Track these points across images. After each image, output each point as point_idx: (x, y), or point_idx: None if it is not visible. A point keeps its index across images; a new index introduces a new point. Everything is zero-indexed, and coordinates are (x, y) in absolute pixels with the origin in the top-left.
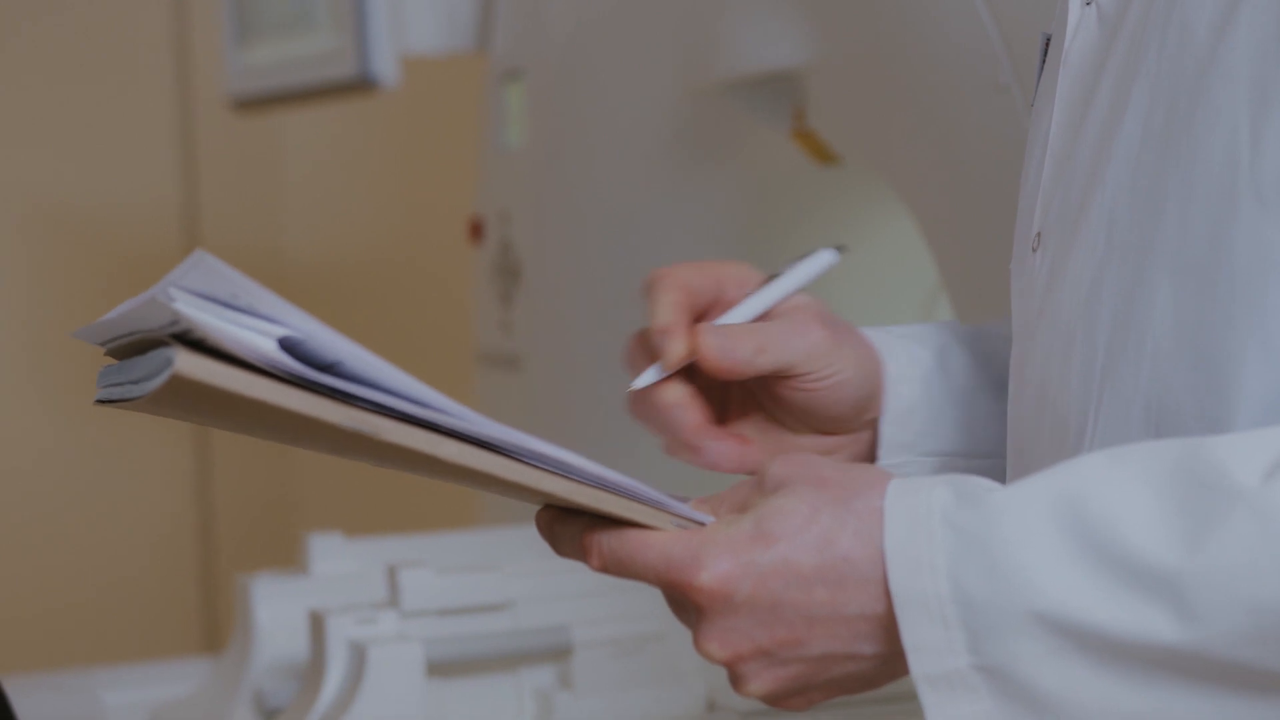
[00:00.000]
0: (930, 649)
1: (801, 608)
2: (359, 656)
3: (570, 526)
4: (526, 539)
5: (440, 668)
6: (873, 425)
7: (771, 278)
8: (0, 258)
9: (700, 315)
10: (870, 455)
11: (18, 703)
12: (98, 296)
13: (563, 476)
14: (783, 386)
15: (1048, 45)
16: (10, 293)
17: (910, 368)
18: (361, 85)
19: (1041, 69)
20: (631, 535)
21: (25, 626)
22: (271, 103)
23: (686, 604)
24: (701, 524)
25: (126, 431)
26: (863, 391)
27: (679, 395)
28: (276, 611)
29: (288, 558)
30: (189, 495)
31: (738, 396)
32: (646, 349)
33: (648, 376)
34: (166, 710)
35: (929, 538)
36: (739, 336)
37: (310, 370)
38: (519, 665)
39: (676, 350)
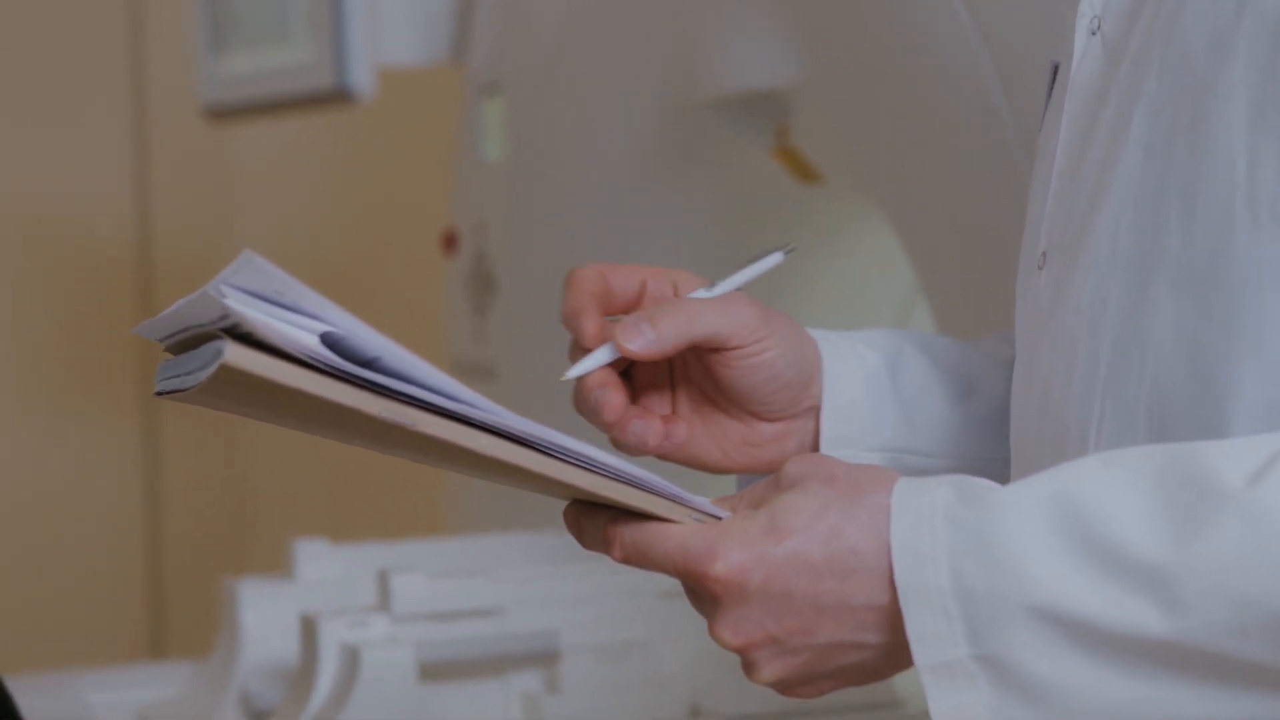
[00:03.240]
0: (932, 639)
1: (810, 597)
2: (352, 659)
3: (595, 520)
4: (511, 546)
5: (430, 671)
6: (812, 415)
7: (714, 284)
8: None
9: (622, 308)
10: (813, 448)
11: None
12: (49, 295)
13: (589, 470)
14: (716, 363)
15: (1055, 73)
16: None
17: (853, 366)
18: (338, 97)
19: (1049, 95)
20: (651, 528)
21: None
22: (245, 112)
23: (702, 593)
24: (718, 518)
25: (76, 437)
26: (793, 373)
27: (601, 378)
28: (263, 615)
29: (236, 563)
30: (138, 499)
31: (683, 389)
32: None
33: (581, 366)
34: (153, 711)
35: (932, 532)
36: (660, 313)
37: (350, 365)
38: (507, 669)
39: (588, 329)
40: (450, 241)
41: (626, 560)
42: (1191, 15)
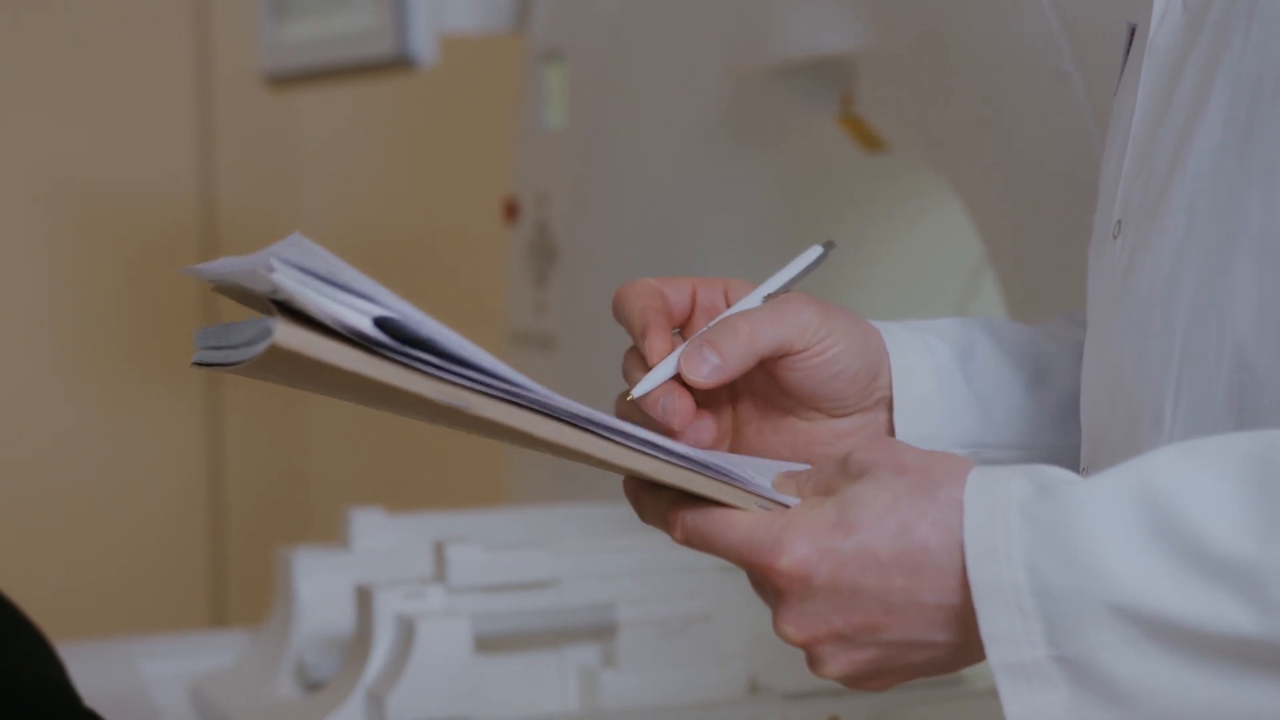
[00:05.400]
0: (1008, 639)
1: (879, 594)
2: (407, 630)
3: (657, 499)
4: (568, 518)
5: (485, 643)
6: (883, 407)
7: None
8: (19, 233)
9: (678, 321)
10: None
11: None
12: (115, 272)
13: (651, 455)
14: (781, 368)
15: (1132, 35)
16: (28, 268)
17: (923, 359)
18: (399, 64)
19: (1126, 58)
20: (716, 514)
21: (39, 597)
22: (306, 79)
23: (767, 586)
24: (785, 506)
25: (141, 408)
26: (860, 365)
27: (666, 386)
28: (318, 585)
29: (298, 534)
30: (202, 472)
31: (746, 398)
32: (639, 361)
33: (646, 383)
34: (207, 680)
35: (1007, 528)
36: (720, 335)
37: (404, 347)
38: (563, 642)
39: (659, 347)
40: (511, 211)
41: (688, 544)
42: None
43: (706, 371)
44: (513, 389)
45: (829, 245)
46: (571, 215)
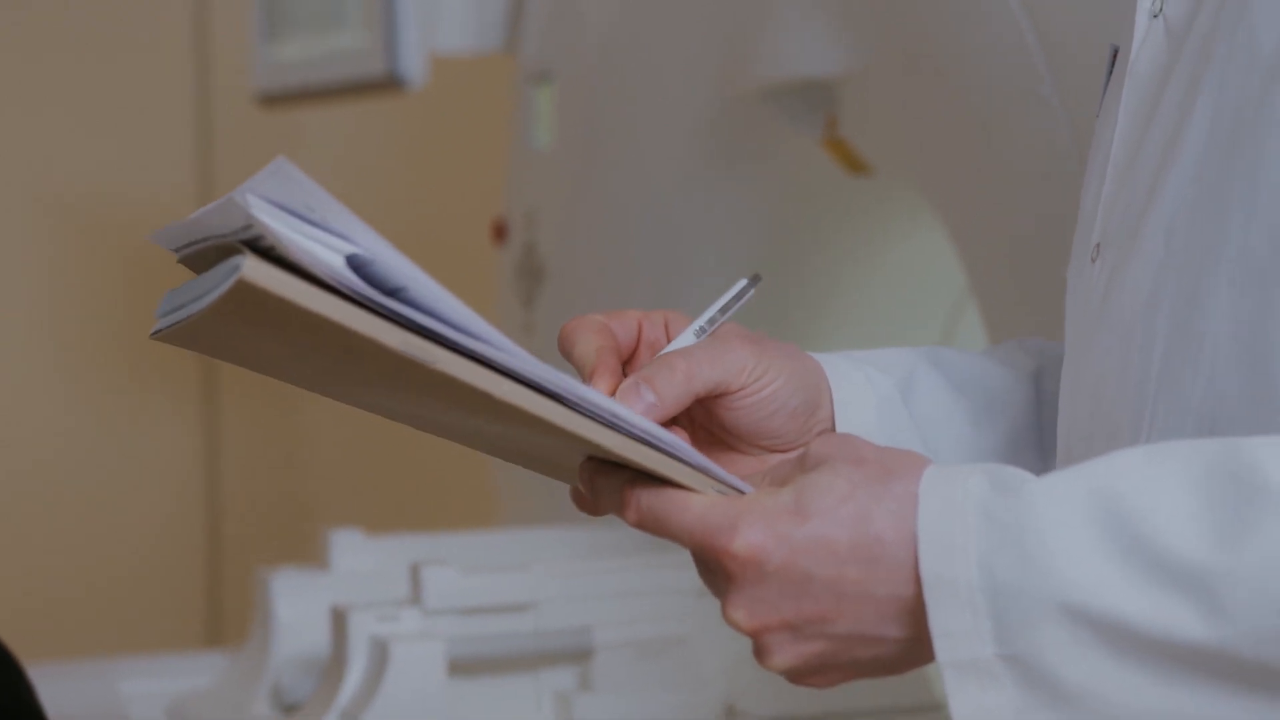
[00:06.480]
0: (957, 635)
1: (831, 584)
2: (381, 653)
3: (612, 479)
4: (549, 540)
5: (460, 666)
6: None
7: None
8: (19, 245)
9: (625, 357)
10: None
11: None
12: (114, 286)
13: (613, 429)
14: (719, 407)
15: (1115, 57)
16: (27, 280)
17: (863, 392)
18: (389, 84)
19: (1108, 80)
20: (671, 495)
21: (32, 615)
22: (298, 99)
23: (717, 570)
24: (742, 492)
25: (139, 415)
26: (798, 401)
27: None
28: (296, 606)
29: (294, 553)
30: (198, 487)
31: (688, 433)
32: None
33: None
34: (184, 702)
35: (962, 524)
36: (657, 373)
37: (374, 291)
38: (539, 666)
39: (606, 390)
40: (499, 231)
41: (641, 525)
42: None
43: (641, 409)
44: (482, 346)
45: (755, 278)
46: (559, 235)
